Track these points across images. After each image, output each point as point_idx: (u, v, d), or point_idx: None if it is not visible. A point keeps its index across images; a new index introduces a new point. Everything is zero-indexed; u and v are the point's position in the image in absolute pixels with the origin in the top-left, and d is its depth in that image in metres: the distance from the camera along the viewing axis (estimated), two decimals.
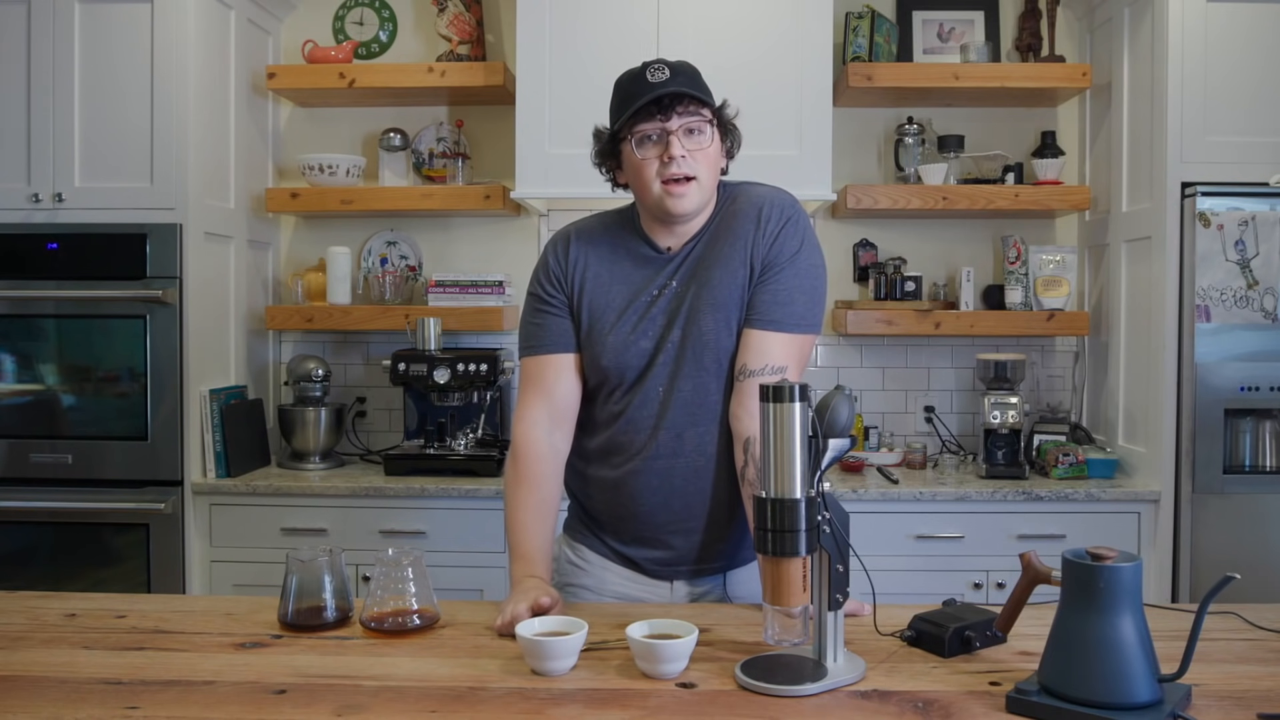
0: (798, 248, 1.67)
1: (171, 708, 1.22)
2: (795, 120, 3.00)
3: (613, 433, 1.70)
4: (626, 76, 1.64)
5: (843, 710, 1.21)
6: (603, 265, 1.72)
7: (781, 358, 1.62)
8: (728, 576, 1.75)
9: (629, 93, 1.62)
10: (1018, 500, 2.87)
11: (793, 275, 1.65)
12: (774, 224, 1.67)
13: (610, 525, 1.75)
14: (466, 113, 3.48)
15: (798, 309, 1.65)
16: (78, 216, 2.89)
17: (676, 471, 1.67)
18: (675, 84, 1.58)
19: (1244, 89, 2.85)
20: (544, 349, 1.73)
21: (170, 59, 2.88)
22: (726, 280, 1.65)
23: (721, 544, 1.71)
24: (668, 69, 1.60)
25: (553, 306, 1.73)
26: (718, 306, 1.65)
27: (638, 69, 1.62)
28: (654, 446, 1.66)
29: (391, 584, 1.50)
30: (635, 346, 1.67)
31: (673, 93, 1.57)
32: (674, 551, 1.71)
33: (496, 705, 1.23)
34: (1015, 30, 3.40)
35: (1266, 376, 2.82)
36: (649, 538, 1.71)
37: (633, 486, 1.68)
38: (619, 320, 1.68)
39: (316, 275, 3.39)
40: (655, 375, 1.67)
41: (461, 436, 3.17)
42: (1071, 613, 1.20)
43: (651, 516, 1.69)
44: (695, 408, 1.66)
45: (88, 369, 2.94)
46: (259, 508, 2.95)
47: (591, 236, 1.75)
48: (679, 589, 1.74)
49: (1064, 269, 3.25)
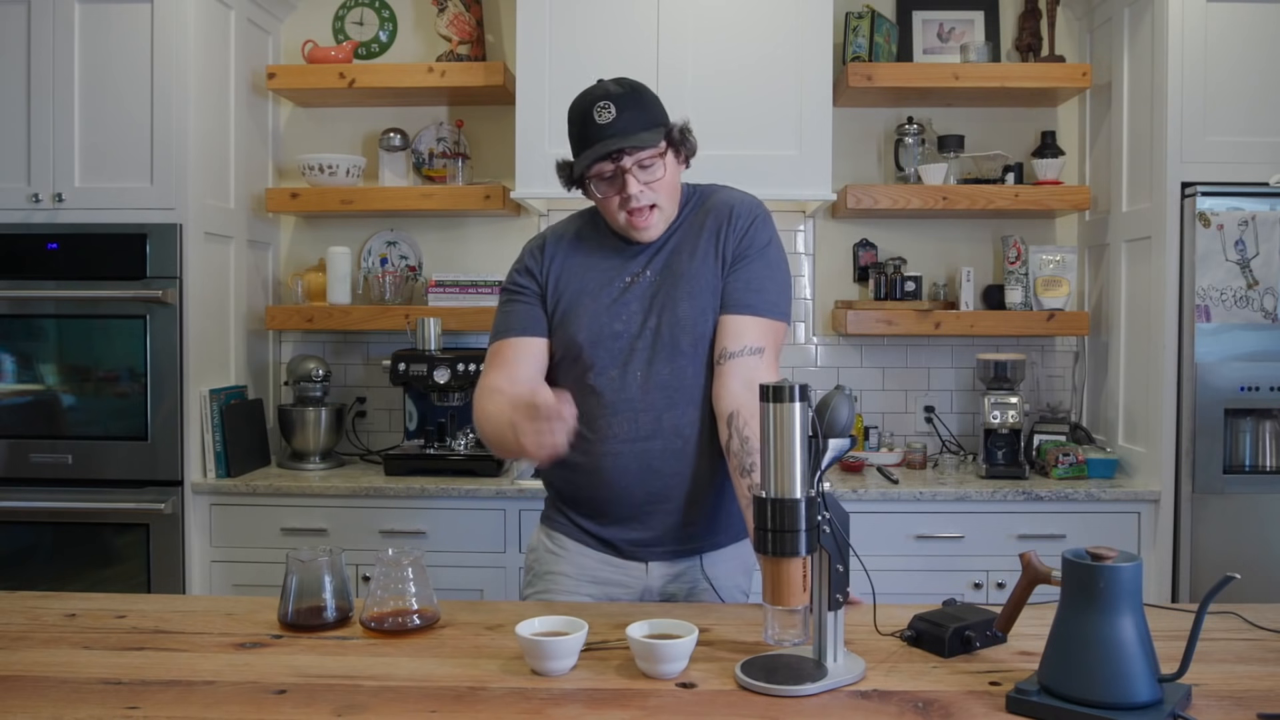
0: (767, 242, 1.75)
1: (171, 708, 1.22)
2: (795, 120, 3.00)
3: (591, 417, 1.71)
4: (577, 114, 1.70)
5: (843, 710, 1.21)
6: (576, 254, 1.80)
7: (757, 339, 1.69)
8: (704, 558, 1.78)
9: (580, 135, 1.69)
10: (1018, 500, 2.87)
11: (763, 265, 1.74)
12: (744, 220, 1.75)
13: (586, 507, 1.78)
14: (466, 113, 3.48)
15: (770, 295, 1.72)
16: (78, 216, 2.90)
17: (654, 453, 1.70)
18: (620, 124, 1.64)
19: (1244, 89, 2.85)
20: (509, 334, 1.79)
21: (170, 59, 2.88)
22: (700, 269, 1.72)
23: (699, 525, 1.75)
24: (613, 106, 1.66)
25: (522, 295, 1.80)
26: (694, 293, 1.72)
27: (586, 105, 1.68)
28: (631, 429, 1.70)
29: (391, 584, 1.50)
30: (609, 329, 1.72)
31: (614, 150, 1.63)
32: (651, 532, 1.74)
33: (496, 705, 1.23)
34: (1015, 30, 3.40)
35: (1266, 376, 2.82)
36: (626, 518, 1.74)
37: (610, 468, 1.71)
38: (593, 302, 1.74)
39: (316, 275, 3.39)
40: (633, 360, 1.71)
41: (461, 436, 3.17)
42: (1071, 613, 1.20)
43: (629, 497, 1.72)
44: (673, 391, 1.71)
45: (88, 369, 2.94)
46: (259, 508, 2.95)
47: (564, 233, 1.85)
48: (655, 570, 1.77)
49: (1064, 269, 3.25)
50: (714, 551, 1.79)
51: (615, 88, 1.69)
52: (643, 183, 1.68)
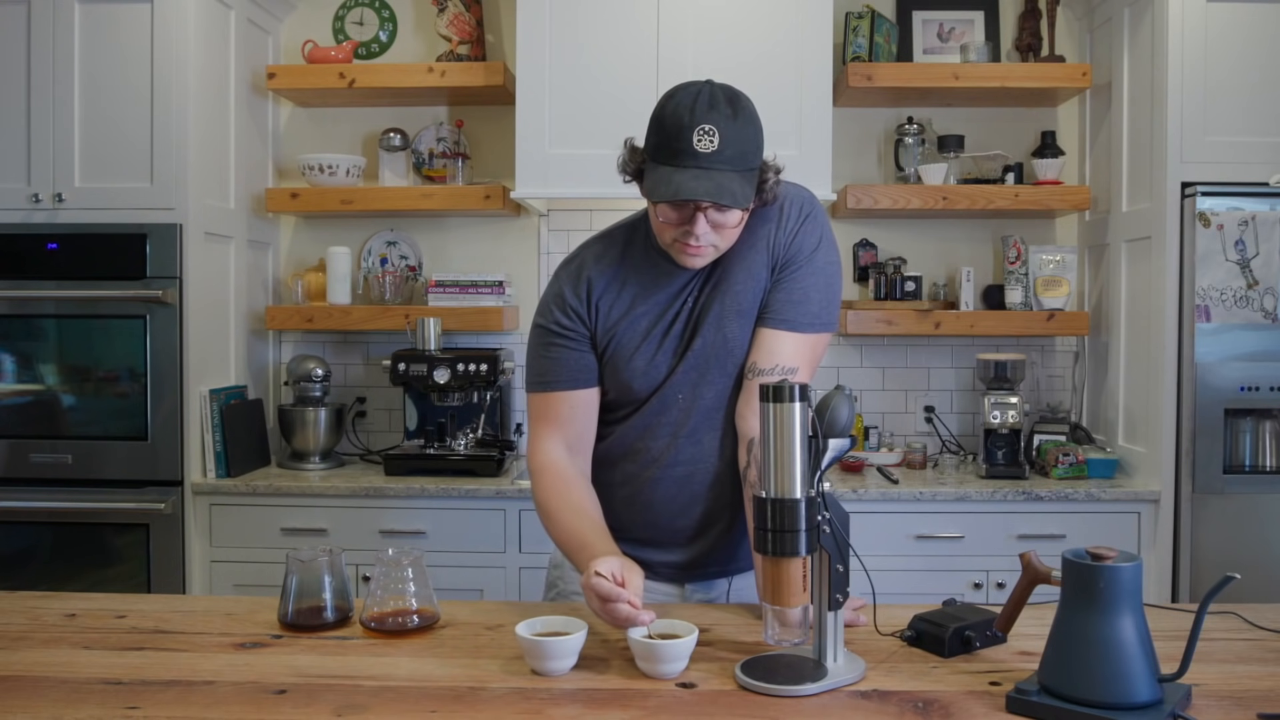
0: (815, 244, 1.64)
1: (171, 708, 1.22)
2: (795, 120, 3.00)
3: (631, 439, 1.67)
4: (674, 123, 1.48)
5: (843, 710, 1.21)
6: (624, 286, 1.65)
7: (792, 358, 1.61)
8: (732, 580, 1.75)
9: (669, 148, 1.48)
10: (1018, 500, 2.87)
11: (809, 274, 1.63)
12: (793, 221, 1.63)
13: (625, 530, 1.69)
14: (466, 113, 3.48)
15: (813, 308, 1.63)
16: (78, 216, 2.90)
17: (697, 478, 1.65)
18: (719, 159, 1.46)
19: (1244, 89, 2.85)
20: (558, 385, 1.65)
21: (170, 59, 2.88)
22: (750, 286, 1.62)
23: (735, 548, 1.71)
24: (718, 135, 1.46)
25: (568, 340, 1.65)
26: (742, 313, 1.62)
27: (685, 114, 1.47)
28: (673, 453, 1.65)
29: (391, 584, 1.50)
30: (658, 359, 1.64)
31: (703, 201, 1.47)
32: (691, 555, 1.70)
33: (496, 705, 1.23)
34: (1015, 30, 3.40)
35: (1266, 376, 2.82)
36: (665, 542, 1.69)
37: (652, 493, 1.66)
38: (644, 343, 1.64)
39: (316, 275, 3.39)
40: (676, 383, 1.64)
41: (461, 436, 3.17)
42: (1071, 613, 1.20)
43: (671, 522, 1.67)
44: (715, 413, 1.64)
45: (88, 369, 2.94)
46: (259, 508, 2.95)
47: (604, 255, 1.67)
48: (691, 592, 1.73)
49: (1064, 269, 3.25)
50: (741, 575, 1.75)
51: (725, 106, 1.48)
52: (711, 224, 1.52)
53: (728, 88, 1.52)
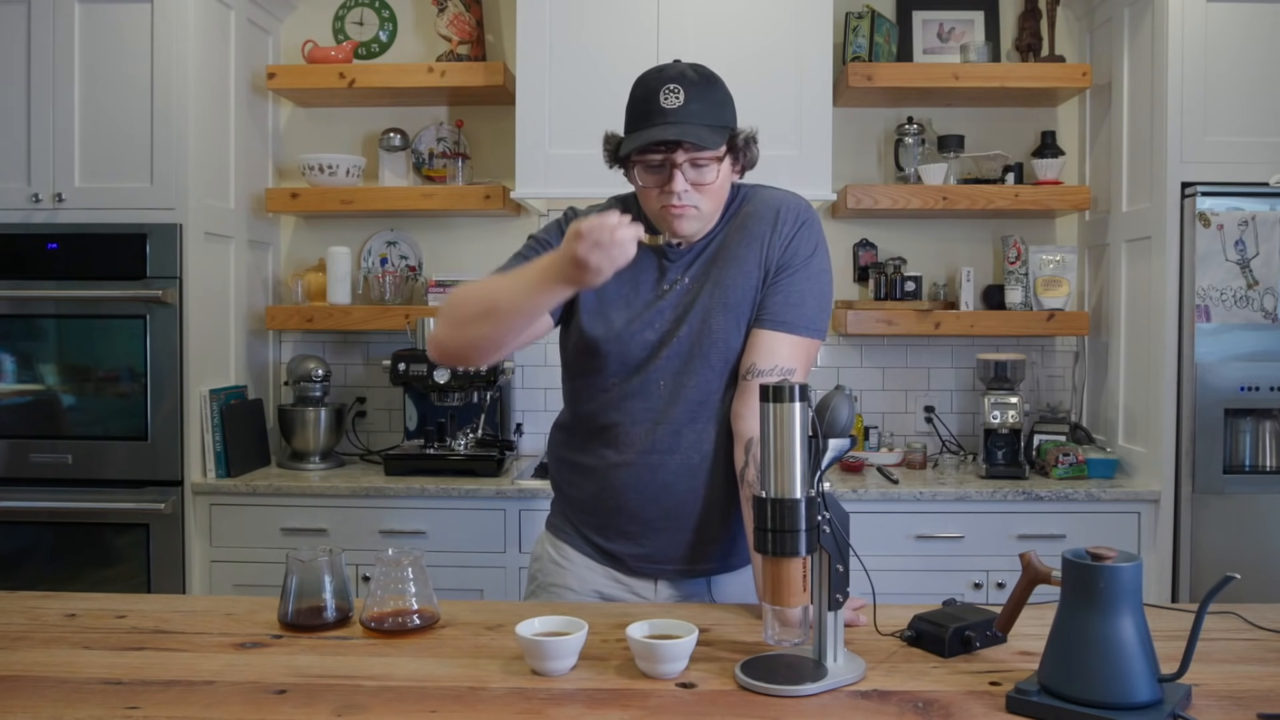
0: (812, 250, 1.66)
1: (171, 708, 1.22)
2: (795, 120, 3.00)
3: (607, 423, 1.68)
4: (641, 90, 1.58)
5: (843, 710, 1.21)
6: None
7: (790, 359, 1.62)
8: (713, 581, 1.73)
9: (640, 113, 1.57)
10: (1018, 500, 2.87)
11: (805, 278, 1.65)
12: (790, 226, 1.66)
13: (595, 518, 1.72)
14: (466, 113, 3.48)
15: (808, 312, 1.64)
16: (78, 216, 2.90)
17: (669, 467, 1.65)
18: (685, 113, 1.53)
19: (1243, 89, 2.85)
20: None
21: (170, 59, 2.88)
22: (740, 281, 1.64)
23: (712, 546, 1.70)
24: (683, 92, 1.54)
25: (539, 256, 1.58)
26: (730, 306, 1.63)
27: (653, 83, 1.57)
28: (650, 441, 1.65)
29: (391, 584, 1.50)
30: (639, 337, 1.65)
31: (670, 140, 1.53)
32: (661, 549, 1.69)
33: (496, 705, 1.23)
34: (1015, 30, 3.40)
35: (1266, 376, 2.82)
36: (634, 533, 1.69)
37: (623, 480, 1.67)
38: (626, 306, 1.66)
39: (316, 275, 3.39)
40: (658, 369, 1.65)
41: (461, 436, 3.17)
42: (1071, 613, 1.20)
43: (640, 511, 1.68)
44: (698, 406, 1.65)
45: (88, 369, 2.94)
46: (259, 508, 2.95)
47: None
48: (663, 589, 1.72)
49: (1064, 269, 3.25)
50: (723, 575, 1.74)
51: (690, 73, 1.57)
52: (690, 181, 1.57)
53: (695, 64, 1.60)
